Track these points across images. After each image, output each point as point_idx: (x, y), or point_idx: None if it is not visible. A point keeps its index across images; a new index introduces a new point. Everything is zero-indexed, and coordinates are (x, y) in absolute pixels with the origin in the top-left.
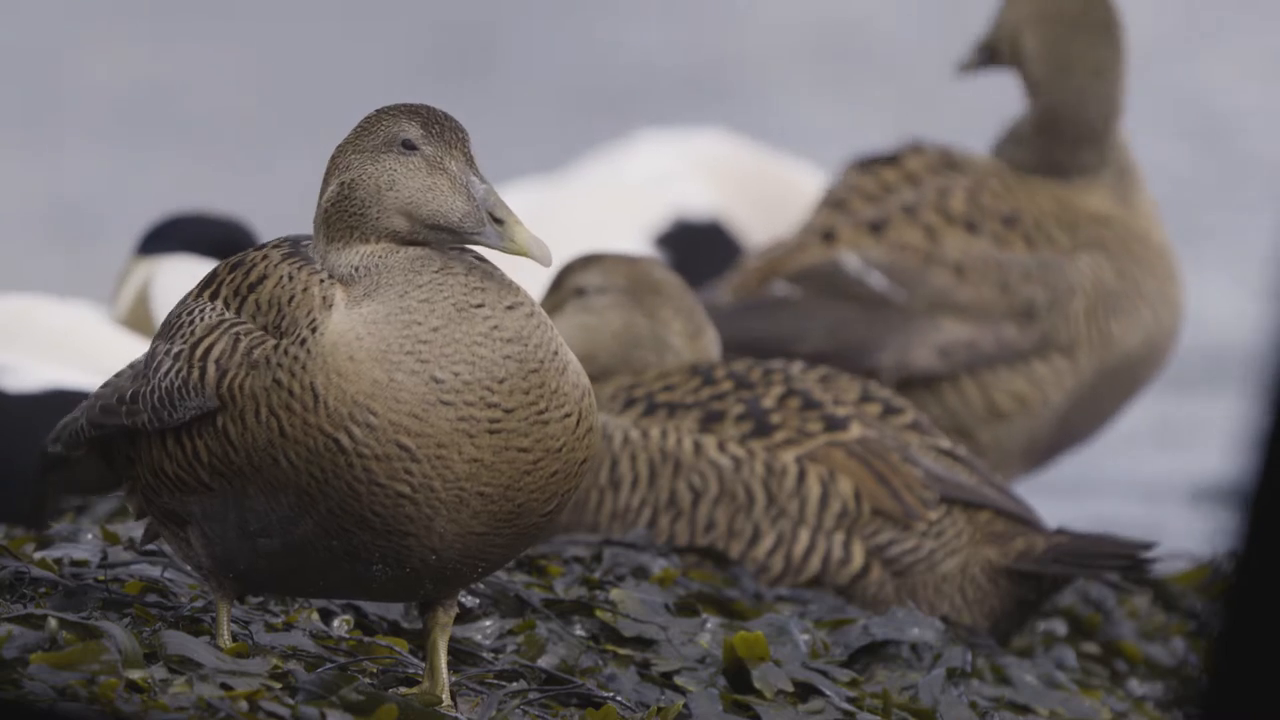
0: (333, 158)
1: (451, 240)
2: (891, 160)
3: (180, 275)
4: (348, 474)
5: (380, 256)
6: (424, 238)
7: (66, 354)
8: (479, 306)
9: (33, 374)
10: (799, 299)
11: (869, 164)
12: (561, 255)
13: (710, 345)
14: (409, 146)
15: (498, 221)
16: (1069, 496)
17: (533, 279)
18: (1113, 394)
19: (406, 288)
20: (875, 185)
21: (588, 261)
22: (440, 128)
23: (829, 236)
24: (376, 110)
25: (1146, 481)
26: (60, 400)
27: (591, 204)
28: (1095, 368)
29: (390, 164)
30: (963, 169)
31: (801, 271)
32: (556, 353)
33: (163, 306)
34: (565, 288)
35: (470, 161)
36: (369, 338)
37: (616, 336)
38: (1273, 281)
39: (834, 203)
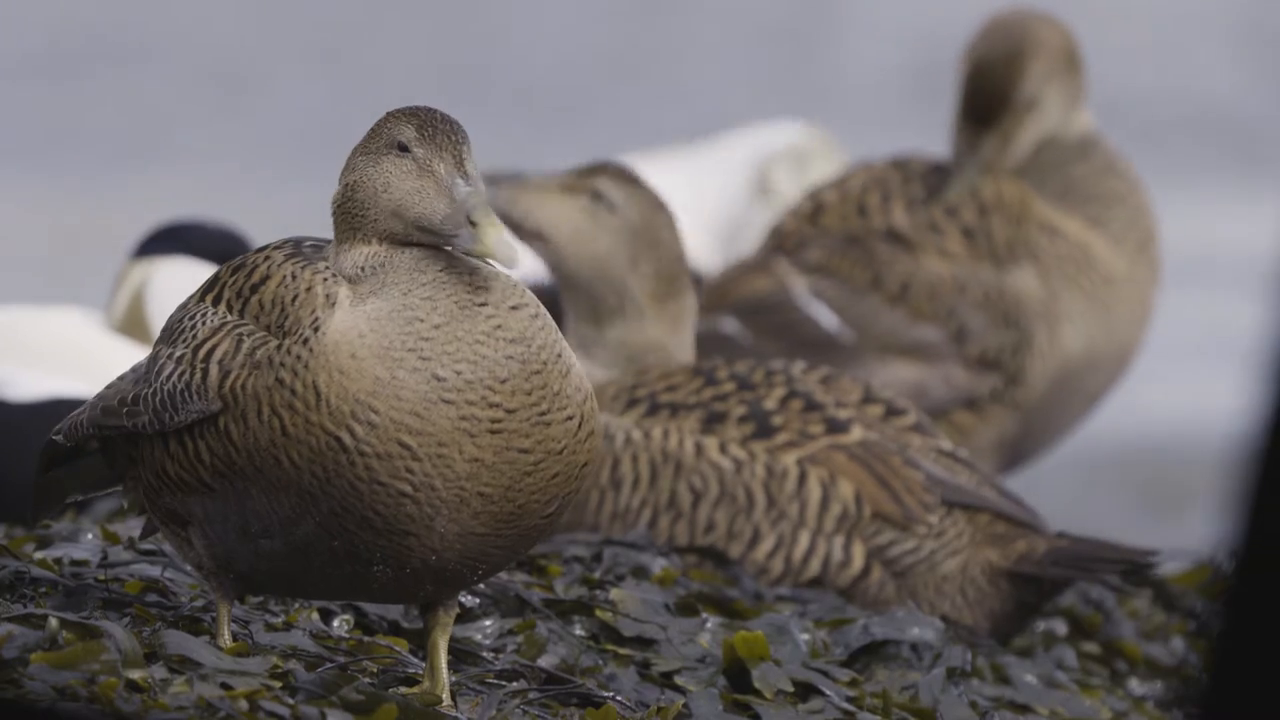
0: (348, 159)
1: (437, 242)
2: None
3: (176, 277)
4: (349, 472)
5: (385, 256)
6: (416, 240)
7: (62, 363)
8: (482, 305)
9: (31, 384)
10: (747, 340)
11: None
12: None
13: (678, 317)
14: (403, 149)
15: (472, 224)
16: None
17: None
18: (1065, 405)
19: (410, 285)
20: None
21: (623, 177)
22: (434, 130)
23: (773, 259)
24: (388, 112)
25: None
26: (59, 409)
27: None
28: (1046, 384)
29: (387, 166)
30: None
31: (751, 302)
32: (560, 355)
33: (158, 307)
34: (589, 183)
35: (460, 163)
36: (371, 335)
37: (594, 258)
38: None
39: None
